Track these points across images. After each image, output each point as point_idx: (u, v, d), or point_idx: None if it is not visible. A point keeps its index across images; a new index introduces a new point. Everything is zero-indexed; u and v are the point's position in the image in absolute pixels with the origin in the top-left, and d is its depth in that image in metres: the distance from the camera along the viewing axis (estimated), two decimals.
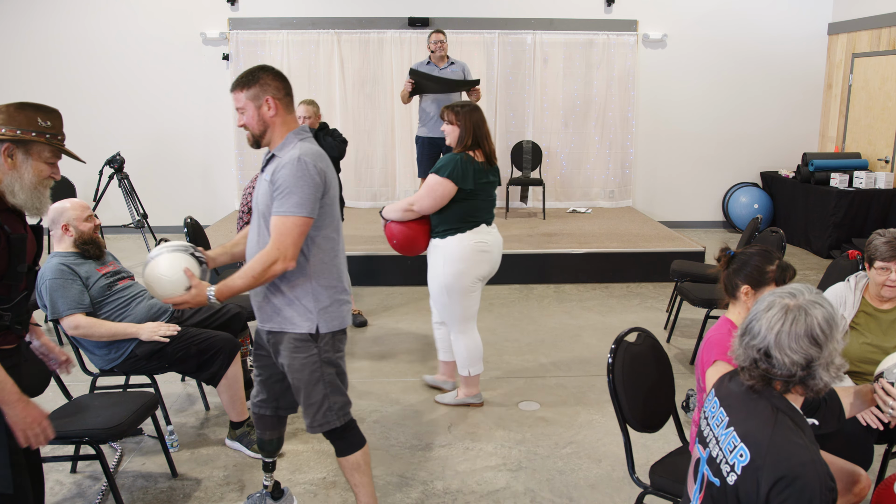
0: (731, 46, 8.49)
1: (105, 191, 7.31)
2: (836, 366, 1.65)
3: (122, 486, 3.23)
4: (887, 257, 2.80)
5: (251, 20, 8.25)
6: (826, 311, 1.65)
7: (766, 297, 1.72)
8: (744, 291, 2.44)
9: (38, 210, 2.17)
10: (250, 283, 2.44)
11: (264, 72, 2.50)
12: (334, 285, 2.57)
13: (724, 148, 8.75)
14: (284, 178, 2.39)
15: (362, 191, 8.68)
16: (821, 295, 1.69)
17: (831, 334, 1.64)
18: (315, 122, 4.96)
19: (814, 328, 1.63)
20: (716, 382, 1.89)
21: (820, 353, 1.63)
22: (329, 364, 2.59)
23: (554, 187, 8.69)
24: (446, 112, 3.70)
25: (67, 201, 3.36)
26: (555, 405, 4.04)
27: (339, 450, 2.69)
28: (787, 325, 1.63)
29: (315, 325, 2.54)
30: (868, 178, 7.35)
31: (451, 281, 3.69)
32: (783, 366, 1.64)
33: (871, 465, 2.79)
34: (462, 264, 3.67)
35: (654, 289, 6.32)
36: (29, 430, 2.09)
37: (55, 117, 2.18)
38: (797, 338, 1.62)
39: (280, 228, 2.39)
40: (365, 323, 5.37)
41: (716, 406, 1.80)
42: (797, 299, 1.67)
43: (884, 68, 7.57)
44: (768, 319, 1.66)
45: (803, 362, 1.63)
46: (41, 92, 8.08)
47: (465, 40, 8.36)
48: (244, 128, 2.53)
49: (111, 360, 3.37)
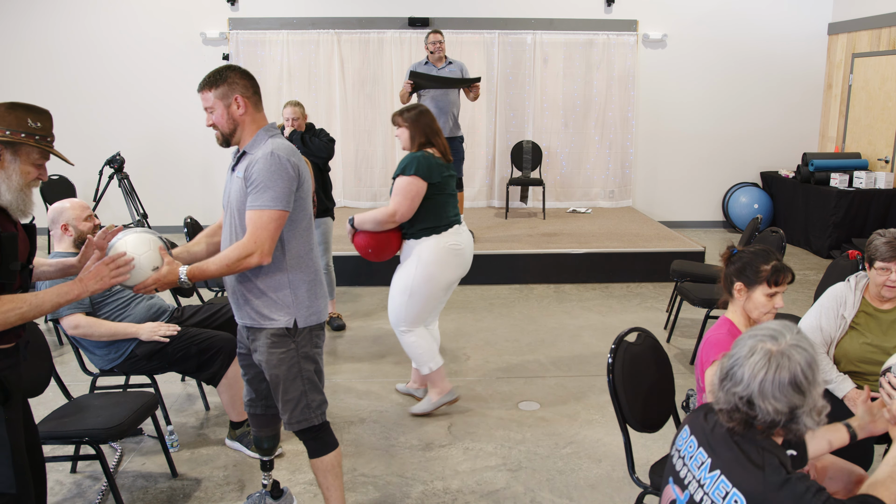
0: (731, 46, 8.50)
1: (105, 191, 7.31)
2: (818, 409, 1.61)
3: (122, 486, 3.23)
4: (887, 257, 2.80)
5: (251, 20, 8.25)
6: (807, 354, 1.61)
7: (745, 340, 1.66)
8: (737, 289, 2.45)
9: (24, 212, 2.15)
10: (223, 271, 2.42)
11: (232, 71, 2.50)
12: (311, 279, 2.56)
13: (724, 148, 8.75)
14: (259, 172, 2.39)
15: (362, 191, 8.67)
16: (801, 334, 1.65)
17: (814, 379, 1.60)
18: (301, 123, 4.88)
19: (797, 375, 1.58)
20: (689, 417, 1.83)
21: (804, 401, 1.59)
22: (307, 360, 2.57)
23: (554, 187, 8.69)
24: (394, 117, 3.73)
25: (67, 201, 3.35)
26: (555, 405, 4.04)
27: (312, 450, 2.65)
28: (771, 374, 1.59)
29: (293, 319, 2.52)
30: (868, 178, 7.35)
31: (419, 283, 3.64)
32: (766, 413, 1.60)
33: (872, 465, 2.79)
34: (435, 267, 3.63)
35: (654, 289, 6.32)
36: (100, 283, 2.23)
37: (45, 118, 2.16)
38: (781, 386, 1.58)
39: (256, 222, 2.38)
40: (343, 326, 5.29)
41: (693, 445, 1.74)
42: (779, 343, 1.61)
43: (884, 68, 7.57)
44: (751, 366, 1.61)
45: (787, 410, 1.59)
46: (41, 92, 8.08)
47: (465, 40, 8.37)
48: (213, 127, 2.52)
49: (111, 360, 3.37)
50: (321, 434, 2.64)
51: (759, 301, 2.43)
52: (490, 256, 6.43)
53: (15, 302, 2.07)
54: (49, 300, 2.13)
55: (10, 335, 2.15)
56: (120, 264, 2.29)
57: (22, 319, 2.08)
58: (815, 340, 2.94)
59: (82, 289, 2.21)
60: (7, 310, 2.04)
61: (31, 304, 2.09)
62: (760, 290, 2.42)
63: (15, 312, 2.06)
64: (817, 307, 3.00)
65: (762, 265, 2.42)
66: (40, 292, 2.13)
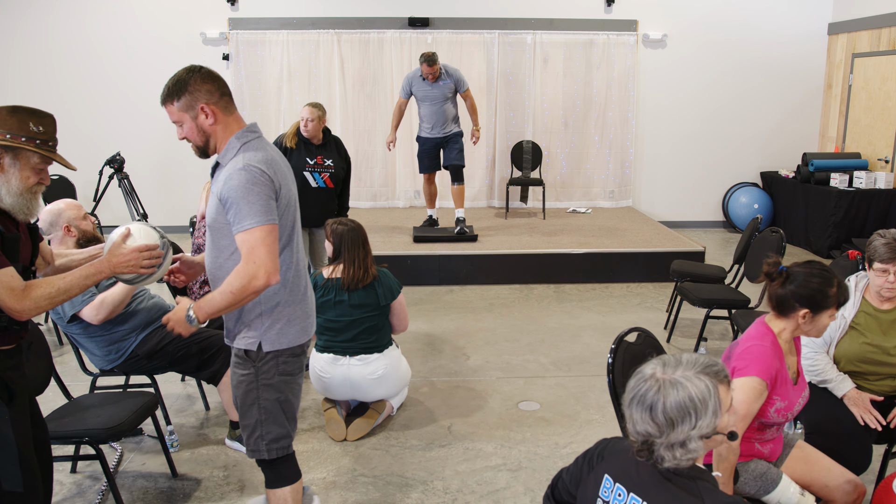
0: (731, 46, 8.49)
1: (105, 191, 7.31)
2: (684, 450, 1.59)
3: (122, 486, 3.23)
4: (886, 259, 2.80)
5: (251, 20, 8.25)
6: (682, 395, 1.58)
7: (652, 361, 1.67)
8: (801, 315, 2.34)
9: (27, 215, 2.16)
10: (230, 301, 2.17)
11: (192, 75, 2.28)
12: (288, 300, 2.34)
13: (724, 148, 8.75)
14: (233, 190, 2.16)
15: (362, 191, 8.68)
16: (699, 378, 1.60)
17: (678, 419, 1.58)
18: (318, 126, 4.85)
19: (657, 406, 1.59)
20: (603, 466, 1.76)
21: (660, 434, 1.59)
22: (269, 388, 2.34)
23: (554, 187, 8.69)
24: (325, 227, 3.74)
25: (61, 202, 3.31)
26: (555, 405, 4.05)
27: (267, 480, 2.47)
28: (640, 392, 1.62)
29: (257, 343, 2.32)
30: (868, 178, 7.35)
31: (405, 382, 3.93)
32: (632, 432, 1.64)
33: (871, 465, 2.79)
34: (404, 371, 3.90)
35: (654, 289, 6.32)
36: (129, 268, 2.26)
37: (48, 122, 2.15)
38: (641, 408, 1.61)
39: (248, 243, 2.15)
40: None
41: (623, 493, 1.69)
42: (666, 373, 1.62)
43: (884, 68, 7.57)
44: (634, 379, 1.65)
45: (645, 433, 1.61)
46: (41, 92, 8.09)
47: (465, 40, 8.37)
48: (186, 140, 2.33)
49: (111, 360, 3.37)
50: (276, 466, 2.43)
51: (824, 323, 2.36)
52: (490, 256, 6.43)
53: (44, 286, 2.11)
54: (77, 282, 2.17)
55: (12, 336, 2.15)
56: (154, 255, 2.30)
57: (52, 303, 2.12)
58: (815, 340, 2.94)
59: (112, 269, 2.25)
60: (39, 295, 2.08)
61: (59, 288, 2.13)
62: (827, 314, 2.34)
63: (45, 296, 2.09)
64: None
65: (830, 289, 2.31)
66: (66, 274, 2.17)
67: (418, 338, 5.10)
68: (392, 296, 3.65)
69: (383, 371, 3.66)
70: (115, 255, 2.26)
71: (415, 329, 5.25)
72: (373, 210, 8.53)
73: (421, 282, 6.40)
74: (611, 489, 1.72)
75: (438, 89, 6.50)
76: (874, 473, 2.97)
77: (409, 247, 6.62)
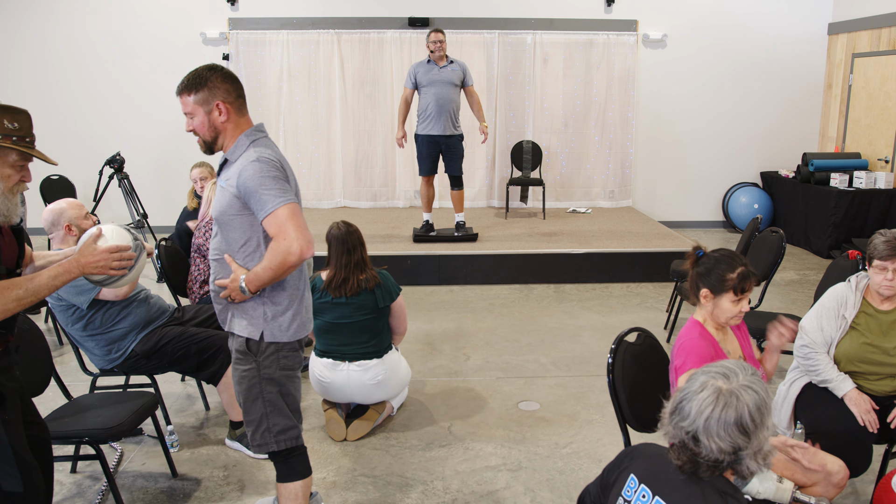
0: (731, 46, 8.49)
1: (105, 190, 7.31)
2: (763, 453, 1.60)
3: (122, 486, 3.23)
4: (885, 256, 2.81)
5: (251, 20, 8.25)
6: (758, 397, 1.59)
7: (699, 376, 1.65)
8: (703, 295, 2.46)
9: (7, 217, 2.10)
10: (272, 276, 2.27)
11: (213, 73, 2.32)
12: (290, 293, 2.41)
13: (723, 148, 8.75)
14: (250, 180, 2.24)
15: (362, 191, 8.68)
16: (755, 375, 1.63)
17: (761, 422, 1.58)
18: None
19: (743, 416, 1.57)
20: (632, 465, 1.77)
21: (748, 443, 1.58)
22: (270, 382, 2.41)
23: (554, 187, 8.69)
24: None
25: (63, 202, 3.31)
26: (555, 405, 4.04)
27: (279, 474, 2.52)
28: (718, 412, 1.57)
29: (259, 332, 2.38)
30: (868, 178, 7.36)
31: (405, 384, 3.92)
32: (710, 451, 1.59)
33: (871, 465, 2.79)
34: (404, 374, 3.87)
35: (654, 289, 6.32)
36: (99, 269, 2.22)
37: (23, 118, 2.09)
38: (726, 426, 1.57)
39: (276, 223, 2.23)
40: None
41: (647, 495, 1.69)
42: (730, 382, 1.60)
43: (884, 68, 7.57)
44: (699, 402, 1.60)
45: (730, 450, 1.58)
46: (41, 92, 8.09)
47: (465, 40, 8.37)
48: (193, 133, 2.37)
49: (111, 360, 3.37)
50: (289, 459, 2.49)
51: (725, 307, 2.44)
52: (490, 256, 6.43)
53: (11, 287, 2.03)
54: (45, 283, 2.10)
55: None
56: (124, 257, 2.28)
57: (20, 305, 2.05)
58: (816, 340, 2.94)
59: (80, 270, 2.20)
60: (7, 298, 2.01)
61: (28, 289, 2.06)
62: (727, 298, 2.42)
63: (12, 298, 2.03)
64: (818, 307, 3.01)
65: (728, 273, 2.40)
66: (34, 275, 2.10)
67: (418, 338, 5.09)
68: (391, 298, 3.64)
69: (383, 377, 3.65)
70: (85, 255, 2.23)
71: (414, 329, 5.25)
72: (373, 210, 8.53)
73: (421, 282, 6.40)
74: (635, 489, 1.73)
75: (446, 73, 6.37)
76: (874, 473, 2.97)
77: (408, 247, 6.62)
